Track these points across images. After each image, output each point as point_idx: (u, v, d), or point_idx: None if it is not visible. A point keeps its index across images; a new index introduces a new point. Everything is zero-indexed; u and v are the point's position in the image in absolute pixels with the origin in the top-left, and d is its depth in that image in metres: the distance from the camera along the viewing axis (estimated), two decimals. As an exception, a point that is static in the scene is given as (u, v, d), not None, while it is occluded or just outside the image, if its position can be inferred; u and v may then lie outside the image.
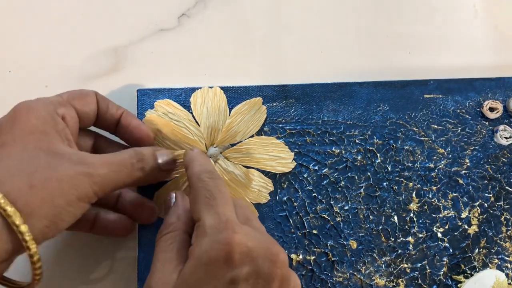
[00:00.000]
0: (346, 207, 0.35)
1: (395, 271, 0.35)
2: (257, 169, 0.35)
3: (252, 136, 0.35)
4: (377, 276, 0.35)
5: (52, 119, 0.26)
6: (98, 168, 0.25)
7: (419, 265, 0.35)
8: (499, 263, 0.36)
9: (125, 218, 0.32)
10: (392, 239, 0.35)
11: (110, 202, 0.31)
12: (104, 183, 0.25)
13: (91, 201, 0.25)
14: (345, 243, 0.35)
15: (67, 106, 0.28)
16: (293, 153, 0.35)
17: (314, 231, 0.35)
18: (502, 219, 0.36)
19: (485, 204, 0.37)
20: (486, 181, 0.37)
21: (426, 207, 0.36)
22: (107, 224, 0.31)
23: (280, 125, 0.36)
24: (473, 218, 0.36)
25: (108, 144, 0.32)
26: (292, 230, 0.35)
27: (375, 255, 0.35)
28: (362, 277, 0.35)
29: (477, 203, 0.37)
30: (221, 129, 0.35)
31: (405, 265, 0.35)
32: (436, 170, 0.37)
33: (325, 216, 0.35)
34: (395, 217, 0.36)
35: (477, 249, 0.36)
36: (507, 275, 0.35)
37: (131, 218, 0.32)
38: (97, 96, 0.30)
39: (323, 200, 0.35)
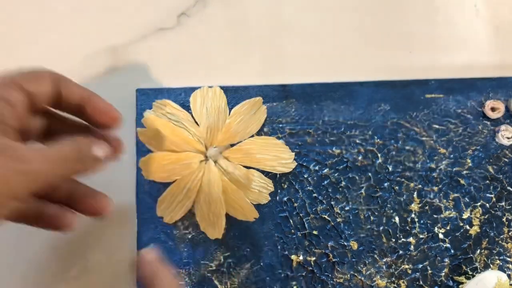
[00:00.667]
0: (347, 208, 0.35)
1: (396, 272, 0.35)
2: (257, 170, 0.35)
3: (252, 136, 0.35)
4: (378, 277, 0.35)
5: None
6: (35, 164, 0.23)
7: (420, 266, 0.35)
8: (501, 264, 0.36)
9: (66, 212, 0.30)
10: (393, 240, 0.35)
11: (56, 196, 0.30)
12: (40, 179, 0.24)
13: (25, 198, 0.24)
14: (345, 244, 0.35)
15: (11, 87, 0.25)
16: (294, 153, 0.35)
17: (315, 232, 0.35)
18: (504, 219, 0.36)
19: (487, 205, 0.36)
20: (487, 182, 0.37)
21: (427, 207, 0.36)
22: (49, 218, 0.29)
23: (280, 125, 0.36)
24: (474, 219, 0.36)
25: (64, 126, 0.30)
26: (293, 230, 0.35)
27: (376, 256, 0.35)
28: (363, 278, 0.34)
29: (479, 204, 0.36)
30: (221, 129, 0.35)
31: (406, 266, 0.35)
32: (437, 171, 0.36)
33: (326, 216, 0.35)
34: (396, 218, 0.36)
35: (479, 250, 0.36)
36: (509, 276, 0.35)
37: (83, 211, 0.30)
38: (52, 77, 0.28)
39: (324, 201, 0.35)
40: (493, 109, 0.38)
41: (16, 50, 0.37)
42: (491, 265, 0.36)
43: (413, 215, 0.36)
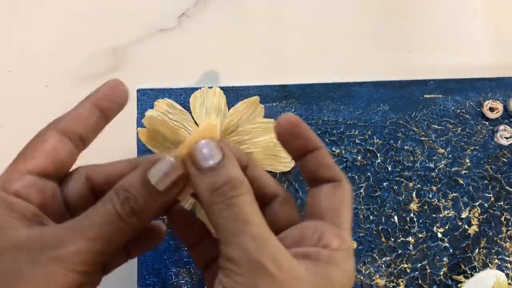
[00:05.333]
0: (346, 207, 0.35)
1: (395, 271, 0.35)
2: (257, 169, 0.35)
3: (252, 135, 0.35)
4: (377, 276, 0.35)
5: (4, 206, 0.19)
6: (70, 245, 0.19)
7: (419, 265, 0.35)
8: (499, 263, 0.36)
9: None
10: (392, 239, 0.35)
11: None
12: (86, 259, 0.19)
13: (79, 281, 0.19)
14: (345, 243, 0.35)
15: (26, 180, 0.20)
16: None
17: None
18: (502, 219, 0.36)
19: (485, 204, 0.37)
20: (486, 181, 0.37)
21: (426, 207, 0.36)
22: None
23: (280, 125, 0.36)
24: (473, 218, 0.36)
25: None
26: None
27: (375, 255, 0.35)
28: (362, 277, 0.35)
29: (477, 203, 0.36)
30: (220, 129, 0.35)
31: (405, 265, 0.35)
32: (436, 170, 0.37)
33: (325, 216, 0.35)
34: (395, 217, 0.36)
35: (477, 249, 0.36)
36: (507, 275, 0.35)
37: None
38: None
39: (323, 200, 0.35)
40: (491, 109, 0.38)
41: (17, 51, 0.37)
42: (490, 264, 0.36)
43: (412, 215, 0.36)
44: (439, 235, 0.36)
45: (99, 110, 0.22)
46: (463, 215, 0.36)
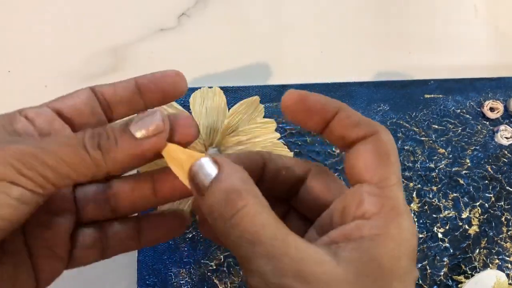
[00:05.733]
0: (346, 207, 0.35)
1: (395, 272, 0.35)
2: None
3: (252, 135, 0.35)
4: (378, 276, 0.35)
5: None
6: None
7: (419, 265, 0.35)
8: (500, 263, 0.36)
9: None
10: (393, 240, 0.35)
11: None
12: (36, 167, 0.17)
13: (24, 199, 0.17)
14: (345, 243, 0.35)
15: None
16: (292, 153, 0.35)
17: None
18: (503, 219, 0.36)
19: (486, 204, 0.36)
20: (486, 181, 0.37)
21: (426, 207, 0.36)
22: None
23: (280, 125, 0.36)
24: (473, 218, 0.36)
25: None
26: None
27: (375, 255, 0.35)
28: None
29: (478, 203, 0.36)
30: (220, 130, 0.35)
31: (406, 266, 0.35)
32: (436, 170, 0.37)
33: (325, 216, 0.35)
34: (396, 217, 0.36)
35: (478, 250, 0.36)
36: (507, 275, 0.35)
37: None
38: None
39: (323, 200, 0.35)
40: (492, 109, 0.38)
41: (17, 51, 0.37)
42: (490, 265, 0.36)
43: (412, 215, 0.36)
44: (440, 235, 0.36)
45: (138, 89, 0.22)
46: (464, 215, 0.36)
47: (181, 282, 0.34)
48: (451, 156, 0.37)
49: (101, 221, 0.22)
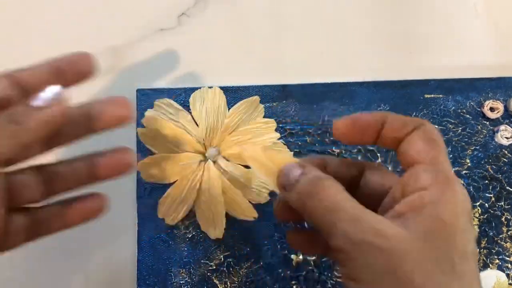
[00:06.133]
0: (346, 207, 0.35)
1: (395, 272, 0.35)
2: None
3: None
4: (378, 276, 0.35)
5: None
6: None
7: (419, 265, 0.35)
8: (500, 263, 0.36)
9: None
10: (393, 240, 0.35)
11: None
12: None
13: None
14: (345, 243, 0.35)
15: None
16: (292, 153, 0.35)
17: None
18: (503, 219, 0.36)
19: (486, 204, 0.36)
20: (486, 181, 0.37)
21: (426, 207, 0.36)
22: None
23: (280, 125, 0.36)
24: (473, 218, 0.36)
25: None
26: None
27: (375, 255, 0.35)
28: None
29: (478, 203, 0.36)
30: (220, 130, 0.35)
31: (406, 266, 0.35)
32: (436, 170, 0.37)
33: (325, 216, 0.35)
34: (396, 217, 0.36)
35: (478, 250, 0.36)
36: (507, 275, 0.35)
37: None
38: None
39: (323, 200, 0.35)
40: (492, 109, 0.38)
41: (16, 51, 0.37)
42: (490, 265, 0.36)
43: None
44: (440, 235, 0.36)
45: (55, 70, 0.25)
46: (464, 215, 0.36)
47: (181, 282, 0.34)
48: (451, 156, 0.37)
49: (31, 208, 0.25)
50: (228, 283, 0.34)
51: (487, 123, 0.38)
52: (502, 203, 0.37)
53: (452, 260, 0.19)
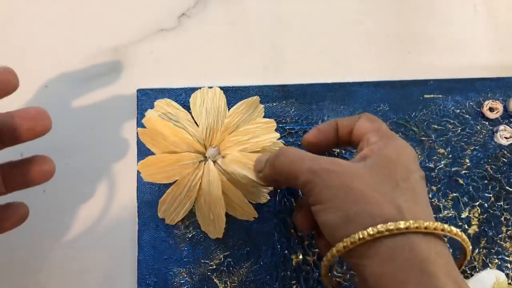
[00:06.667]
0: (346, 207, 0.35)
1: (395, 271, 0.35)
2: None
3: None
4: (377, 276, 0.35)
5: None
6: None
7: (419, 265, 0.35)
8: (499, 263, 0.36)
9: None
10: (392, 239, 0.35)
11: None
12: None
13: None
14: (345, 243, 0.35)
15: None
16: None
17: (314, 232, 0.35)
18: (502, 219, 0.36)
19: (485, 204, 0.37)
20: (486, 181, 0.37)
21: (426, 207, 0.36)
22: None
23: (280, 125, 0.36)
24: (473, 218, 0.36)
25: None
26: (292, 230, 0.35)
27: (375, 255, 0.35)
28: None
29: (477, 203, 0.36)
30: (219, 129, 0.35)
31: (405, 265, 0.35)
32: (436, 170, 0.37)
33: (325, 216, 0.35)
34: (395, 217, 0.36)
35: (477, 249, 0.36)
36: (507, 275, 0.35)
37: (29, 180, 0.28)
38: None
39: (323, 200, 0.35)
40: (491, 109, 0.38)
41: (17, 51, 0.37)
42: (490, 265, 0.36)
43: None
44: (439, 235, 0.36)
45: None
46: (463, 215, 0.36)
47: (181, 281, 0.34)
48: (450, 156, 0.37)
49: None
50: (228, 283, 0.34)
51: (487, 123, 0.38)
52: (502, 203, 0.37)
53: (395, 181, 0.24)
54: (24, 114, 0.26)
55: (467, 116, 0.38)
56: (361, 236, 0.23)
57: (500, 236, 0.36)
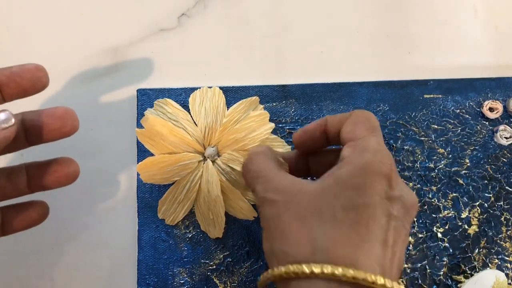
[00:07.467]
0: (346, 207, 0.35)
1: (395, 271, 0.35)
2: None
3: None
4: (377, 276, 0.35)
5: None
6: None
7: (419, 265, 0.35)
8: (499, 263, 0.36)
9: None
10: (392, 239, 0.35)
11: None
12: None
13: None
14: (345, 243, 0.35)
15: None
16: (290, 147, 0.35)
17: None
18: (502, 219, 0.36)
19: (485, 204, 0.37)
20: (486, 181, 0.37)
21: (426, 207, 0.36)
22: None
23: (280, 125, 0.36)
24: (473, 218, 0.36)
25: None
26: (292, 230, 0.35)
27: (375, 255, 0.35)
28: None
29: (477, 203, 0.36)
30: (218, 129, 0.35)
31: (405, 265, 0.35)
32: (436, 170, 0.37)
33: (325, 216, 0.35)
34: (395, 217, 0.36)
35: (477, 249, 0.36)
36: (507, 275, 0.35)
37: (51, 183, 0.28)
38: None
39: (323, 200, 0.35)
40: (491, 109, 0.38)
41: (16, 50, 0.37)
42: (490, 264, 0.36)
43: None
44: (439, 235, 0.36)
45: None
46: (463, 215, 0.36)
47: (181, 282, 0.34)
48: (450, 156, 0.37)
49: None
50: (228, 283, 0.34)
51: (487, 123, 0.38)
52: (502, 203, 0.37)
53: (333, 211, 0.22)
54: (53, 113, 0.26)
55: (467, 116, 0.38)
56: (275, 273, 0.22)
57: (500, 236, 0.36)
